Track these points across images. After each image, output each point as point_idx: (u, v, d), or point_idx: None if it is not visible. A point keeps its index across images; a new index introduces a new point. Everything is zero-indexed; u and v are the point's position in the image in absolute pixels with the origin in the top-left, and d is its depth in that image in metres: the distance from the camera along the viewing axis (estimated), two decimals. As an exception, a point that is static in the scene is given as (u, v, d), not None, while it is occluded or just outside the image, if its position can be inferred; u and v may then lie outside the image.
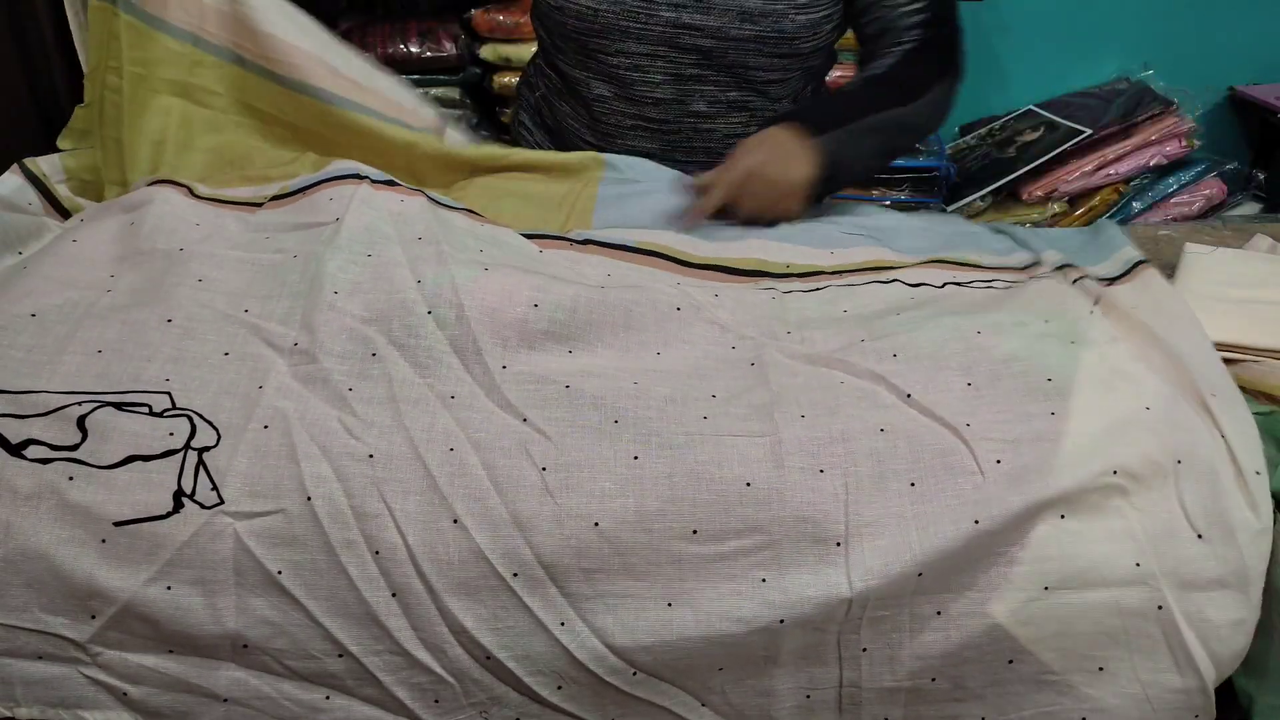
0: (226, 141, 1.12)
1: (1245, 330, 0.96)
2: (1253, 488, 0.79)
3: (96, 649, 0.78)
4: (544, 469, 0.79)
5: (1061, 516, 0.77)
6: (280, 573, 0.77)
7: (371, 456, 0.79)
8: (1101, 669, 0.79)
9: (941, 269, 1.02)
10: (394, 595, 0.77)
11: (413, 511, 0.78)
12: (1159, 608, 0.77)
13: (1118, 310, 0.91)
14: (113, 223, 0.98)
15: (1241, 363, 0.95)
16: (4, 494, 0.77)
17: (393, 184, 1.01)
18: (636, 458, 0.80)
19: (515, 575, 0.77)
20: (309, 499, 0.77)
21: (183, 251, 0.93)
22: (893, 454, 0.80)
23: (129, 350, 0.84)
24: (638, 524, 0.77)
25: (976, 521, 0.76)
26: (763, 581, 0.77)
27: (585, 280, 0.96)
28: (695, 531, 0.78)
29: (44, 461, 0.77)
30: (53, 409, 0.80)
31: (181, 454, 0.79)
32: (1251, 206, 2.27)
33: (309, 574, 0.77)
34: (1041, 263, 1.03)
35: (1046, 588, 0.77)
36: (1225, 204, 2.27)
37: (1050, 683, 0.79)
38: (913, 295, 0.98)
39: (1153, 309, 0.92)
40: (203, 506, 0.77)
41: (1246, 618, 0.78)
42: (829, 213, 1.15)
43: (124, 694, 0.79)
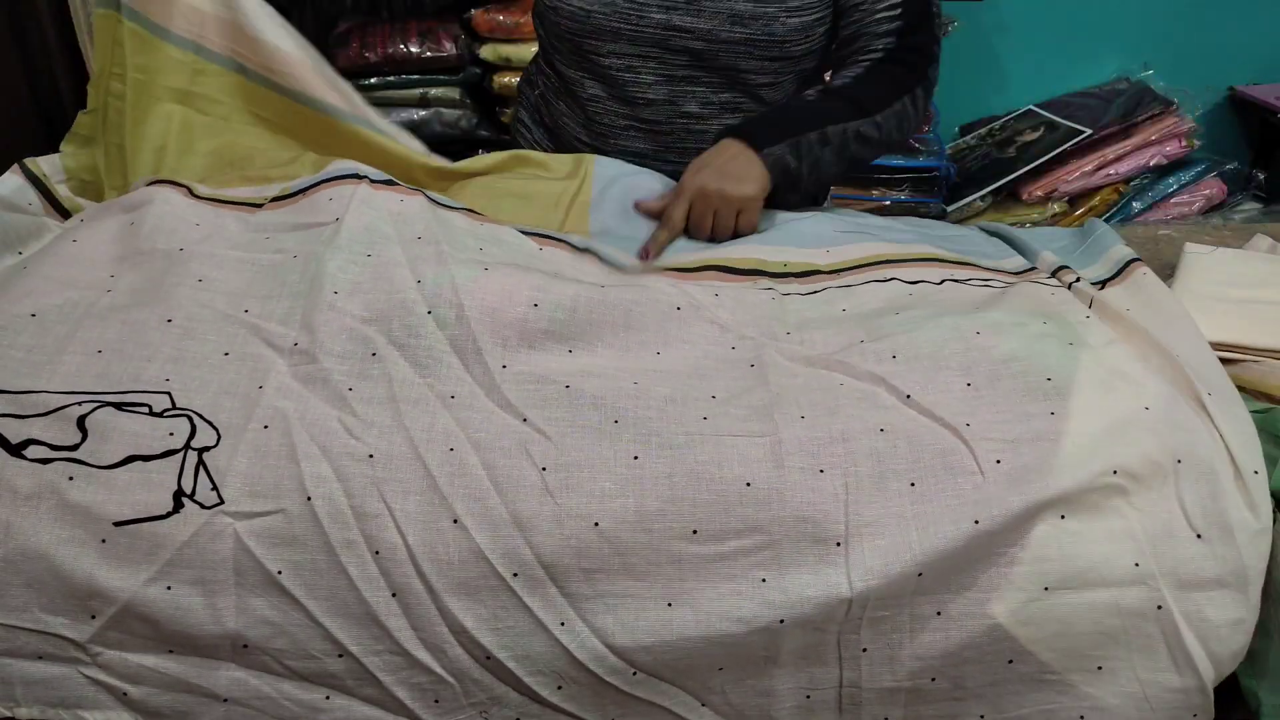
0: (227, 143, 1.12)
1: (1245, 330, 0.96)
2: (1251, 487, 0.79)
3: (96, 649, 0.78)
4: (544, 469, 0.79)
5: (1061, 516, 0.77)
6: (280, 573, 0.77)
7: (371, 456, 0.79)
8: (1101, 668, 0.79)
9: (940, 267, 1.02)
10: (394, 595, 0.77)
11: (413, 511, 0.78)
12: (1158, 607, 0.77)
13: (1112, 312, 0.91)
14: (113, 223, 0.98)
15: (1241, 363, 0.95)
16: (4, 494, 0.77)
17: (392, 184, 1.01)
18: (636, 458, 0.80)
19: (515, 575, 0.77)
20: (309, 499, 0.77)
21: (183, 251, 0.93)
22: (893, 454, 0.80)
23: (129, 350, 0.84)
24: (638, 524, 0.78)
25: (976, 521, 0.76)
26: (763, 581, 0.77)
27: (586, 279, 0.96)
28: (695, 531, 0.78)
29: (44, 461, 0.77)
30: (53, 409, 0.80)
31: (181, 454, 0.79)
32: (1252, 206, 2.27)
33: (309, 574, 0.77)
34: (1037, 267, 1.03)
35: (1046, 588, 0.77)
36: (1225, 204, 2.27)
37: (1050, 682, 0.79)
38: (910, 293, 0.98)
39: (1147, 310, 0.92)
40: (203, 506, 0.77)
41: (1245, 617, 0.78)
42: (821, 214, 1.15)
43: (124, 694, 0.79)
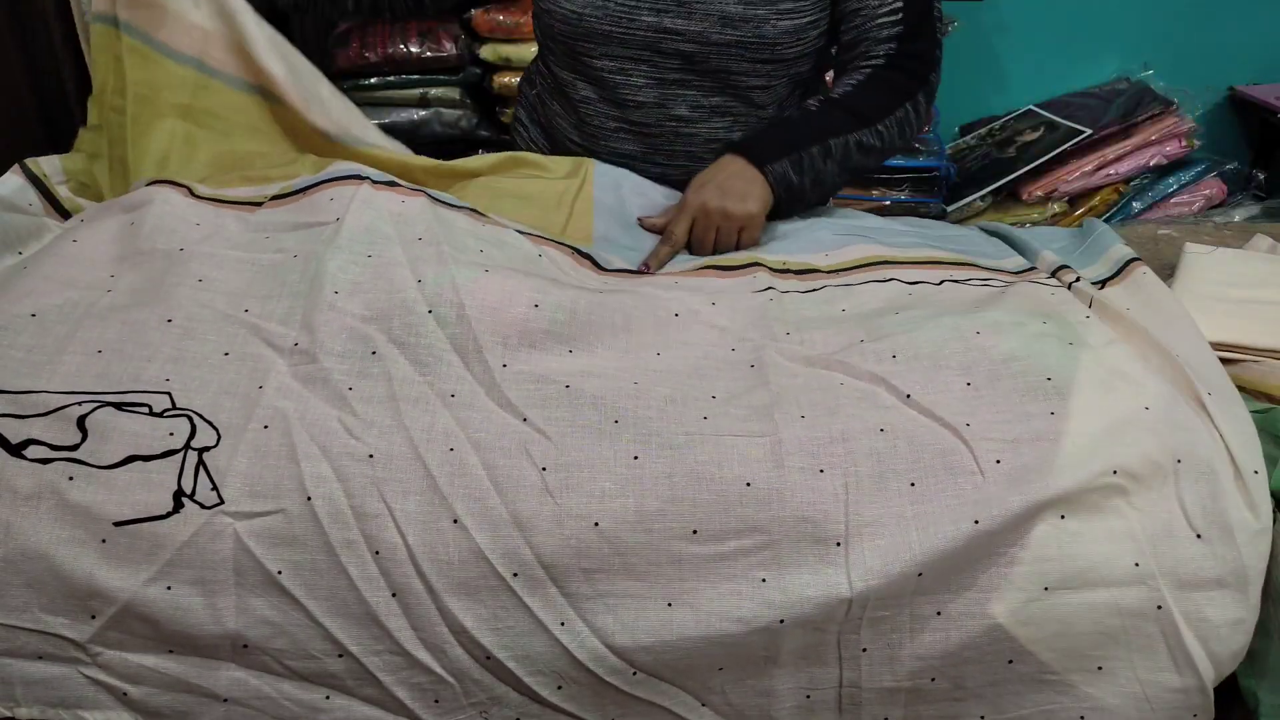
0: (227, 150, 1.13)
1: (1245, 330, 0.96)
2: (1251, 487, 0.79)
3: (96, 649, 0.78)
4: (544, 469, 0.79)
5: (1061, 516, 0.77)
6: (280, 573, 0.77)
7: (371, 456, 0.79)
8: (1101, 668, 0.79)
9: (939, 268, 1.02)
10: (394, 595, 0.77)
11: (413, 511, 0.78)
12: (1158, 607, 0.77)
13: (1112, 312, 0.91)
14: (113, 223, 0.98)
15: (1241, 363, 0.95)
16: (4, 494, 0.77)
17: (393, 184, 1.01)
18: (636, 458, 0.80)
19: (515, 575, 0.77)
20: (309, 499, 0.77)
21: (183, 251, 0.93)
22: (893, 454, 0.80)
23: (129, 350, 0.84)
24: (638, 524, 0.78)
25: (976, 521, 0.76)
26: (763, 581, 0.77)
27: (585, 284, 0.96)
28: (695, 531, 0.78)
29: (44, 461, 0.77)
30: (53, 409, 0.80)
31: (181, 454, 0.79)
32: (1251, 206, 2.27)
33: (309, 574, 0.77)
34: (1037, 267, 1.03)
35: (1046, 588, 0.77)
36: (1225, 204, 2.27)
37: (1050, 682, 0.79)
38: (910, 293, 0.98)
39: (1147, 309, 0.92)
40: (203, 506, 0.77)
41: (1245, 617, 0.78)
42: (819, 218, 1.15)
43: (124, 694, 0.79)
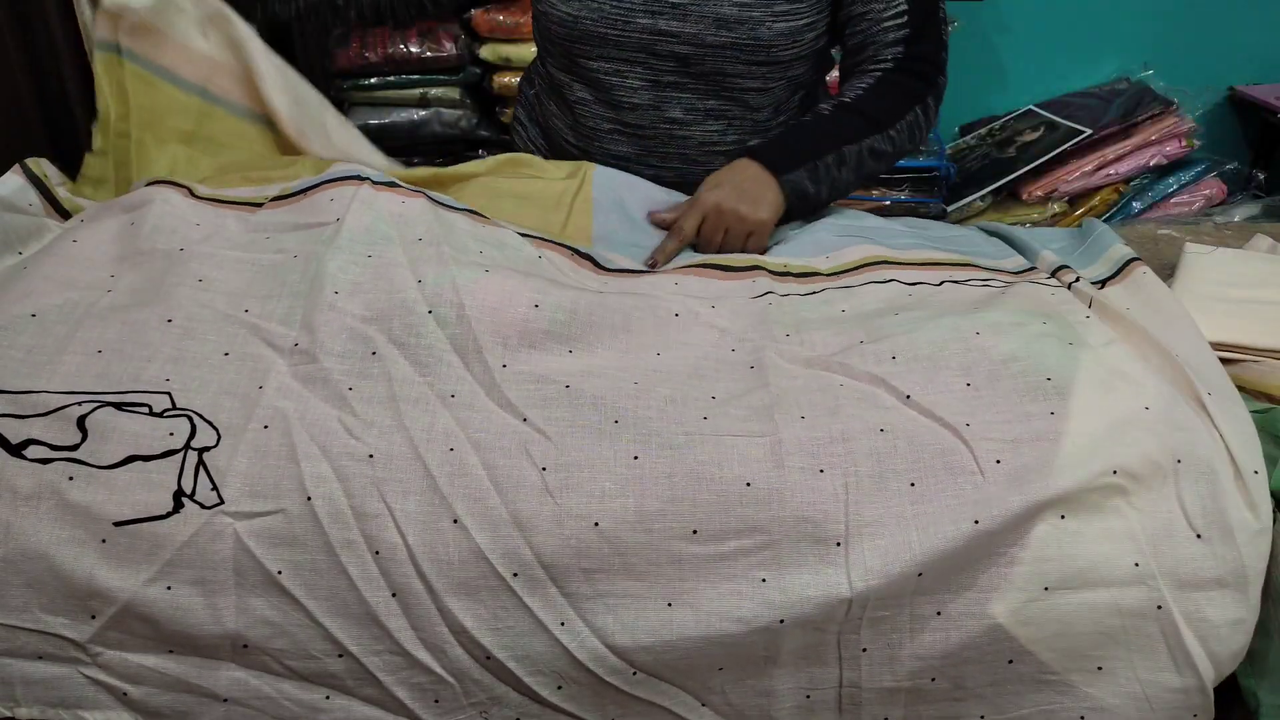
0: (230, 160, 1.13)
1: (1245, 330, 0.96)
2: (1251, 487, 0.79)
3: (96, 649, 0.78)
4: (544, 469, 0.79)
5: (1061, 516, 0.77)
6: (280, 573, 0.77)
7: (371, 456, 0.79)
8: (1101, 668, 0.79)
9: (939, 269, 1.02)
10: (394, 595, 0.77)
11: (413, 511, 0.78)
12: (1158, 607, 0.77)
13: (1112, 312, 0.91)
14: (113, 223, 0.98)
15: (1241, 363, 0.95)
16: (4, 494, 0.77)
17: (394, 185, 1.01)
18: (636, 458, 0.80)
19: (515, 575, 0.77)
20: (309, 499, 0.77)
21: (183, 251, 0.93)
22: (893, 454, 0.80)
23: (129, 350, 0.84)
24: (638, 524, 0.78)
25: (976, 521, 0.76)
26: (763, 581, 0.77)
27: (585, 286, 0.96)
28: (695, 531, 0.78)
29: (44, 461, 0.77)
30: (53, 409, 0.80)
31: (181, 454, 0.79)
32: (1251, 206, 2.27)
33: (309, 574, 0.77)
34: (1037, 267, 1.03)
35: (1046, 588, 0.77)
36: (1225, 204, 2.27)
37: (1050, 682, 0.79)
38: (910, 293, 0.98)
39: (1147, 309, 0.92)
40: (203, 506, 0.77)
41: (1245, 617, 0.78)
42: (820, 219, 1.15)
43: (124, 694, 0.79)
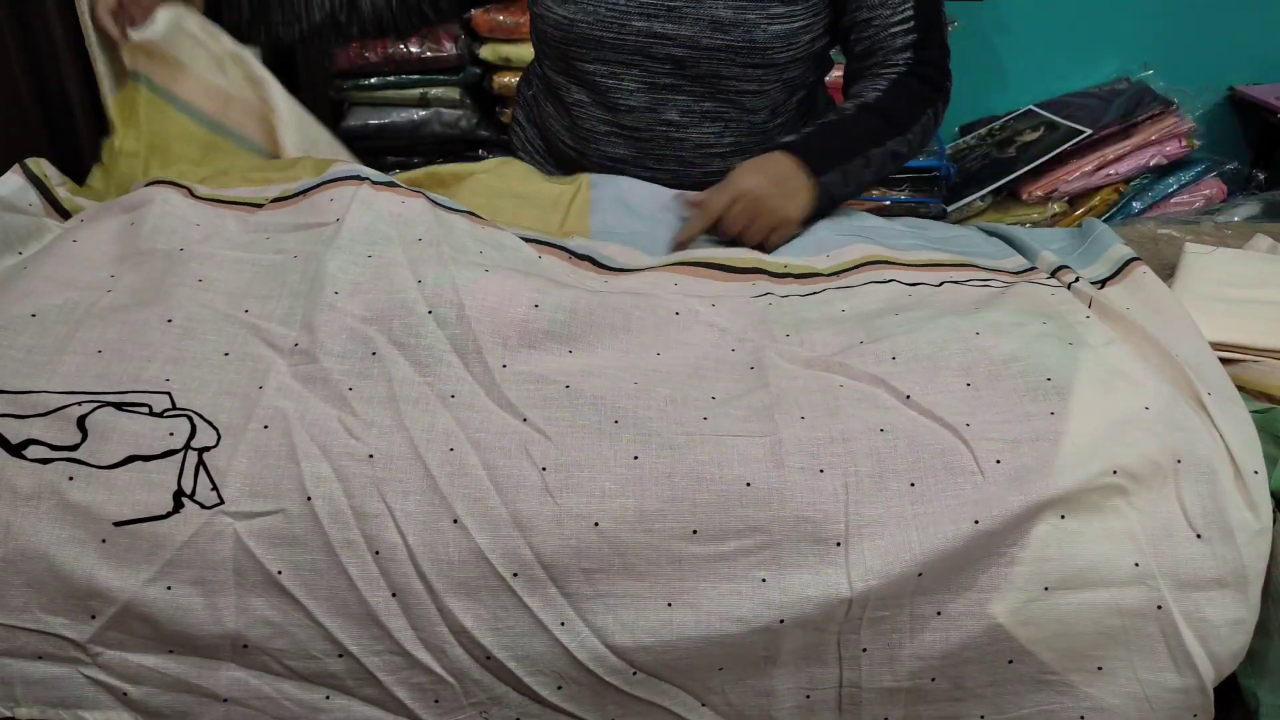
0: (230, 165, 1.14)
1: (1245, 330, 0.96)
2: (1251, 487, 0.79)
3: (96, 649, 0.78)
4: (544, 469, 0.79)
5: (1061, 516, 0.77)
6: (280, 573, 0.77)
7: (371, 456, 0.79)
8: (1101, 668, 0.79)
9: (939, 269, 1.02)
10: (394, 595, 0.77)
11: (413, 511, 0.78)
12: (1158, 607, 0.77)
13: (1112, 312, 0.91)
14: (113, 223, 0.98)
15: (1241, 363, 0.95)
16: (4, 494, 0.77)
17: (393, 185, 1.01)
18: (636, 458, 0.80)
19: (515, 575, 0.77)
20: (309, 499, 0.77)
21: (183, 251, 0.93)
22: (893, 454, 0.80)
23: (129, 350, 0.84)
24: (638, 524, 0.78)
25: (976, 521, 0.76)
26: (763, 581, 0.77)
27: (584, 285, 0.96)
28: (695, 531, 0.78)
29: (44, 461, 0.77)
30: (53, 409, 0.80)
31: (181, 454, 0.79)
32: (1252, 206, 2.27)
33: (309, 574, 0.77)
34: (1037, 267, 1.03)
35: (1046, 588, 0.77)
36: (1225, 204, 2.27)
37: (1050, 682, 0.79)
38: (910, 293, 0.98)
39: (1146, 309, 0.92)
40: (203, 506, 0.77)
41: (1245, 617, 0.78)
42: (821, 219, 1.15)
43: (124, 694, 0.79)
